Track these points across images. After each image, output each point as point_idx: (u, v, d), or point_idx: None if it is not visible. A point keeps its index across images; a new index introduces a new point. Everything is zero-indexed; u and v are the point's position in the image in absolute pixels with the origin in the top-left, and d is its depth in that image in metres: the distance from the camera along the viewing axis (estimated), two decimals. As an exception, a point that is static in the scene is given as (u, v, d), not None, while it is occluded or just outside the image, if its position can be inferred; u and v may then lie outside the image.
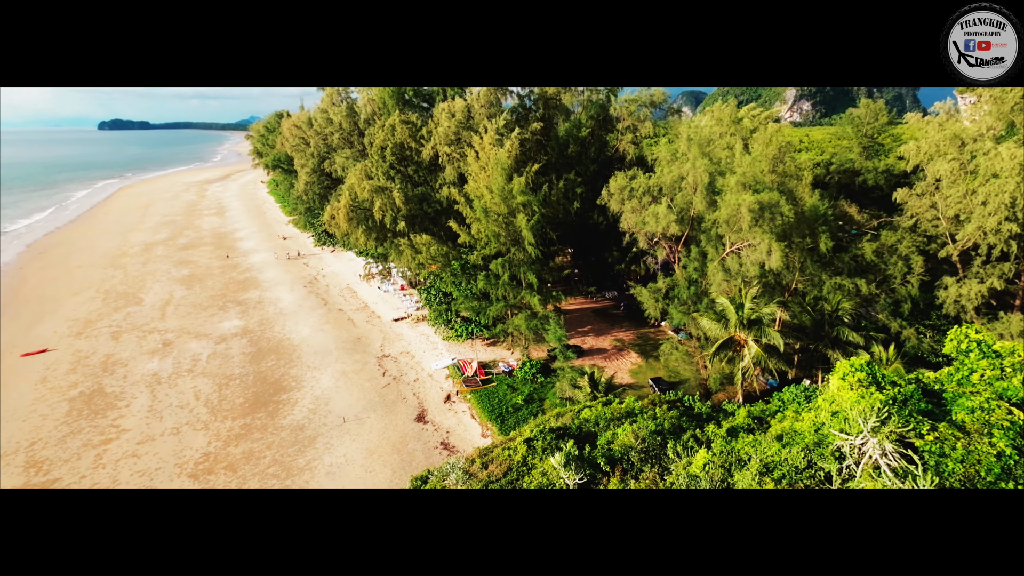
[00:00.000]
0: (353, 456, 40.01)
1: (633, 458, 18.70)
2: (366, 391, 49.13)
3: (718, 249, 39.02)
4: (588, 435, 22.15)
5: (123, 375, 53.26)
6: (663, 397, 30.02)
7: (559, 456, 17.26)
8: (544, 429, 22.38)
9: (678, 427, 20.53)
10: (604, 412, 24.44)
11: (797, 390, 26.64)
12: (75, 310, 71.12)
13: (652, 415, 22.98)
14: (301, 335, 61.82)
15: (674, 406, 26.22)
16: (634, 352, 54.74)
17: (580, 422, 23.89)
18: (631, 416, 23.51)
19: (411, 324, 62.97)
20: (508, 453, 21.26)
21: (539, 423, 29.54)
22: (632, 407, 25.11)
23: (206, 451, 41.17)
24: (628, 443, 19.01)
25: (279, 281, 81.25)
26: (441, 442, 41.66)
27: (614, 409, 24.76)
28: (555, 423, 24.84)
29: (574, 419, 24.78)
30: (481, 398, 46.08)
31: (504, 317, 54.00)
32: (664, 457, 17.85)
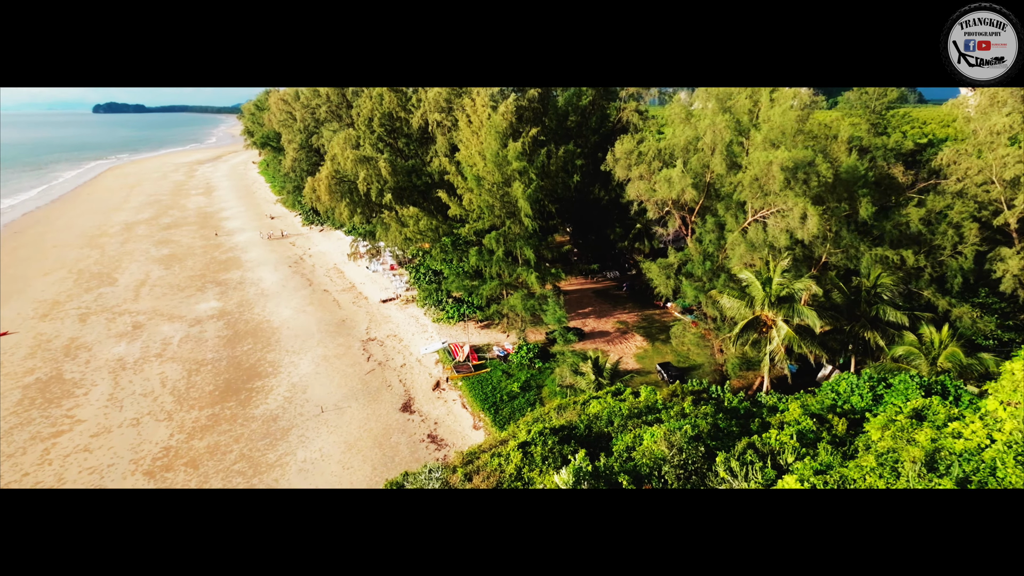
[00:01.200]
0: (330, 451, 35.40)
1: (668, 476, 13.49)
2: (348, 378, 44.40)
3: (738, 218, 34.05)
4: (599, 438, 17.48)
5: (86, 360, 48.36)
6: (684, 387, 25.32)
7: (566, 472, 12.52)
8: (544, 430, 17.64)
9: (720, 431, 15.75)
10: (618, 407, 19.69)
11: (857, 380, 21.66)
12: (43, 291, 65.91)
13: (680, 412, 18.21)
14: (281, 317, 56.88)
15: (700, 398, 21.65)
16: (639, 335, 50.07)
17: (588, 419, 19.17)
18: (653, 412, 18.78)
19: (400, 306, 58.09)
20: (499, 462, 16.53)
21: (537, 418, 24.87)
22: (652, 401, 20.40)
23: (167, 445, 36.49)
24: (659, 453, 14.15)
25: (263, 261, 76.04)
26: (428, 434, 37.07)
27: (631, 404, 20.02)
28: (557, 420, 20.19)
29: (580, 415, 20.10)
30: (473, 385, 41.42)
31: (499, 297, 49.11)
32: (710, 475, 13.14)
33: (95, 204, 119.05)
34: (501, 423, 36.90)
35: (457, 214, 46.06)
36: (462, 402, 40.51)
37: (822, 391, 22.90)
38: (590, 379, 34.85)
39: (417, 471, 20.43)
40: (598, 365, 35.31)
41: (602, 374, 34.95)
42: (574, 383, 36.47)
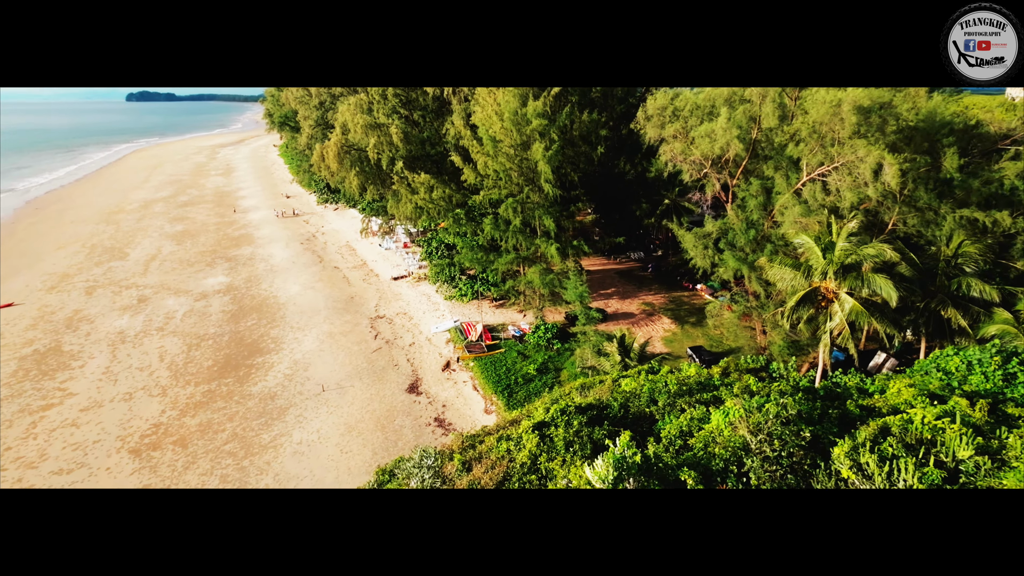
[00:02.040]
0: (328, 432, 32.16)
1: (754, 472, 9.45)
2: (353, 356, 41.15)
3: (790, 178, 29.36)
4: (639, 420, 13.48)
5: (86, 332, 46.16)
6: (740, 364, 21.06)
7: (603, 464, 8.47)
8: (567, 407, 13.63)
9: (811, 414, 11.50)
10: (662, 382, 15.59)
11: (981, 355, 16.58)
12: (55, 264, 64.36)
13: (745, 388, 13.91)
14: (289, 293, 53.97)
15: (760, 377, 17.51)
16: (666, 317, 45.66)
17: (624, 397, 15.12)
18: (708, 390, 14.69)
19: (411, 283, 54.63)
20: (507, 447, 12.64)
21: (557, 396, 20.99)
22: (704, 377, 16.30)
23: (157, 421, 33.74)
24: (737, 441, 10.48)
25: (275, 238, 73.42)
26: (435, 418, 33.55)
27: (680, 379, 15.85)
28: (582, 398, 16.27)
29: (613, 391, 16.07)
30: (486, 366, 37.73)
31: (515, 273, 45.19)
32: (819, 472, 9.00)
33: (117, 183, 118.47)
34: (515, 407, 33.16)
35: (471, 182, 42.09)
36: (473, 384, 36.88)
37: (918, 370, 18.42)
38: (615, 360, 30.79)
39: (409, 456, 16.82)
40: (624, 345, 31.20)
41: (629, 355, 30.85)
42: (597, 365, 32.47)
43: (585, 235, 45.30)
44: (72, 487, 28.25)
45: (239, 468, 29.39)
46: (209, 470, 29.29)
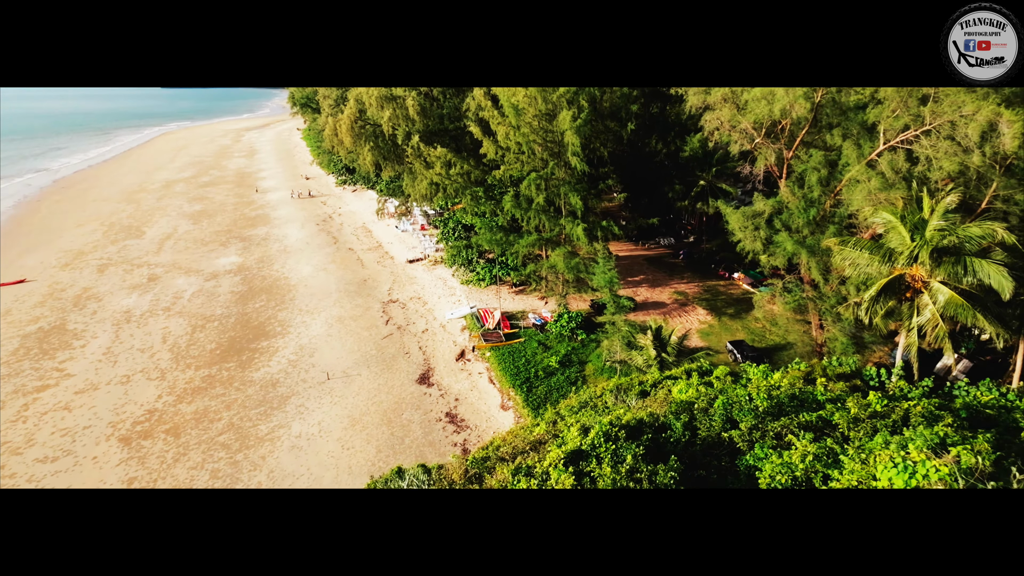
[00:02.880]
0: (330, 426, 29.14)
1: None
2: (362, 342, 38.08)
3: (862, 147, 24.71)
4: (712, 448, 9.69)
5: (93, 311, 44.19)
6: (827, 367, 16.77)
7: None
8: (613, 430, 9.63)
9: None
10: (735, 394, 11.48)
11: None
12: (72, 241, 63.04)
13: (905, 413, 9.80)
14: (300, 274, 51.23)
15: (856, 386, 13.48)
16: (701, 308, 41.33)
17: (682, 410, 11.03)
18: (808, 407, 10.58)
19: (427, 267, 51.30)
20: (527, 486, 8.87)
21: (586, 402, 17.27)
22: (797, 388, 12.27)
23: (152, 407, 31.25)
24: None
25: (291, 218, 70.92)
26: (447, 412, 30.21)
27: (767, 387, 11.80)
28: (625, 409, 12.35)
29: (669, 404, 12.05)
30: (503, 357, 34.18)
31: (536, 257, 41.34)
32: None
33: (142, 164, 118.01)
34: (534, 404, 29.59)
35: (491, 157, 38.21)
36: (489, 376, 33.40)
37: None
38: (650, 355, 26.86)
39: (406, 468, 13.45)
40: (661, 337, 27.21)
41: (665, 349, 26.88)
42: (628, 359, 28.59)
43: (612, 219, 41.13)
44: (55, 475, 25.88)
45: (232, 463, 26.59)
46: (200, 463, 26.57)
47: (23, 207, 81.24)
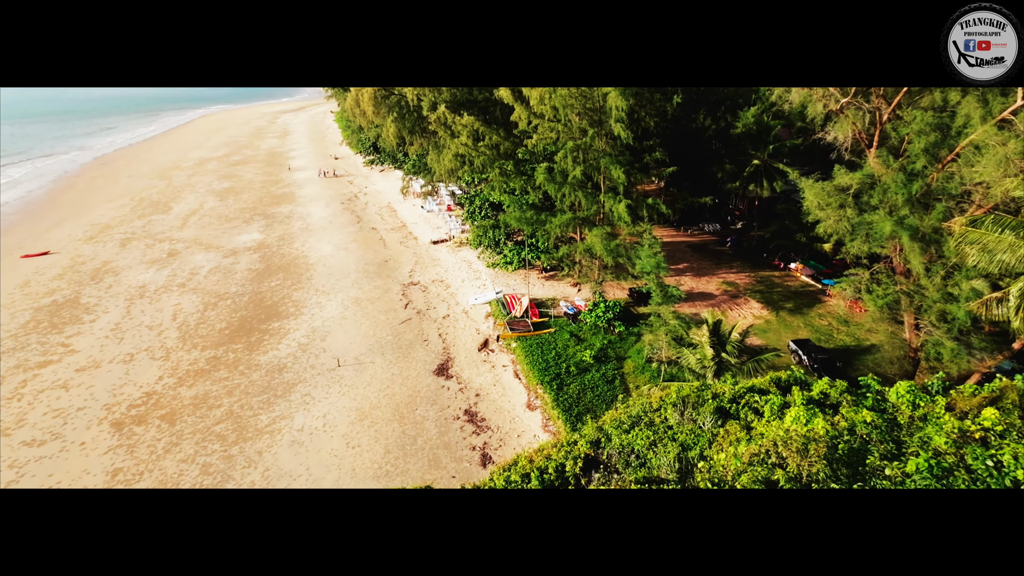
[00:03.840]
0: (336, 419, 25.70)
1: None
2: (378, 326, 34.57)
3: (989, 103, 19.22)
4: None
5: (109, 284, 42.17)
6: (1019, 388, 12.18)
7: None
8: None
9: None
10: (932, 439, 7.18)
11: None
12: (101, 215, 61.92)
13: None
14: (320, 253, 48.15)
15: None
16: (755, 301, 36.14)
17: (843, 467, 6.93)
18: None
19: (452, 248, 47.42)
20: None
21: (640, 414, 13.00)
22: (993, 418, 7.93)
23: (151, 390, 28.51)
24: None
25: (316, 197, 68.15)
26: (465, 410, 26.35)
27: (951, 432, 7.47)
28: (707, 442, 8.19)
29: (790, 441, 7.77)
30: (531, 349, 30.05)
31: (570, 239, 36.85)
32: None
33: (180, 143, 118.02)
34: (565, 404, 25.42)
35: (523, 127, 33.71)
36: (515, 370, 29.34)
37: None
38: (705, 354, 22.24)
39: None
40: (720, 333, 22.52)
41: (725, 347, 22.19)
42: (677, 358, 24.04)
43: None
44: (38, 461, 23.30)
45: (225, 457, 23.46)
46: (191, 456, 23.53)
47: (62, 182, 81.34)
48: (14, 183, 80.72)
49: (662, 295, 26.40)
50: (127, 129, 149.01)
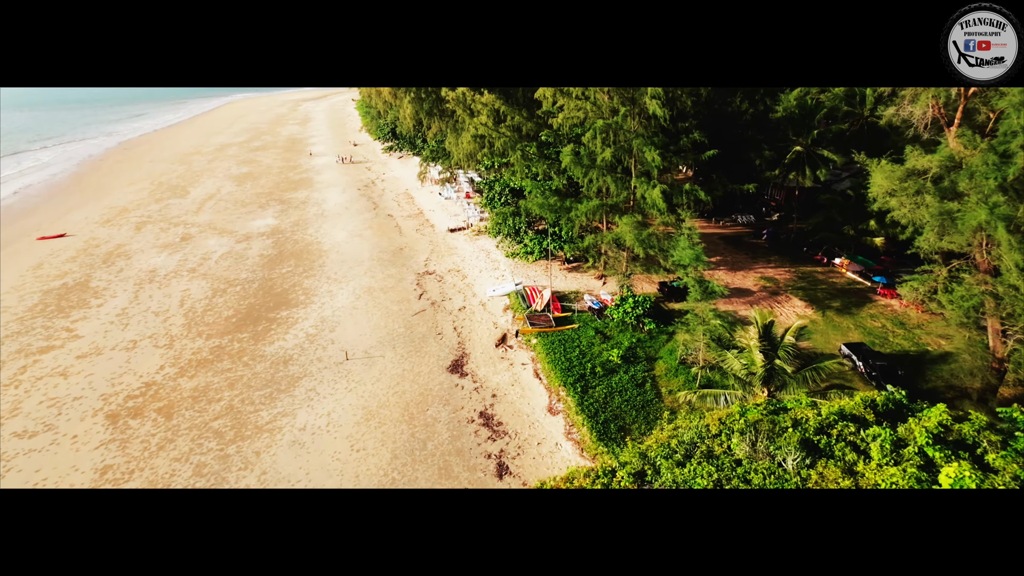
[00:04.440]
0: (341, 418, 23.52)
1: None
2: (391, 317, 32.30)
3: None
4: None
5: (119, 268, 40.80)
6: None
7: None
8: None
9: None
10: None
11: None
12: (119, 198, 61.03)
13: None
14: (334, 240, 46.10)
15: None
16: (797, 299, 32.81)
17: None
18: None
19: (470, 237, 44.86)
20: None
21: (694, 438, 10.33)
22: None
23: (151, 380, 26.76)
24: None
25: (333, 183, 66.23)
26: (481, 412, 23.89)
27: None
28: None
29: None
30: (552, 346, 27.41)
31: (595, 228, 33.94)
32: None
33: (202, 130, 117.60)
34: (591, 409, 22.77)
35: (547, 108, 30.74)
36: (535, 368, 26.76)
37: None
38: (754, 359, 19.30)
39: None
40: (771, 335, 19.52)
41: (776, 349, 19.20)
42: (719, 362, 21.13)
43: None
44: (27, 455, 21.66)
45: (221, 456, 21.46)
46: (185, 454, 21.60)
47: (86, 166, 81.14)
48: (42, 166, 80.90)
49: (701, 291, 23.42)
50: (154, 116, 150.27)
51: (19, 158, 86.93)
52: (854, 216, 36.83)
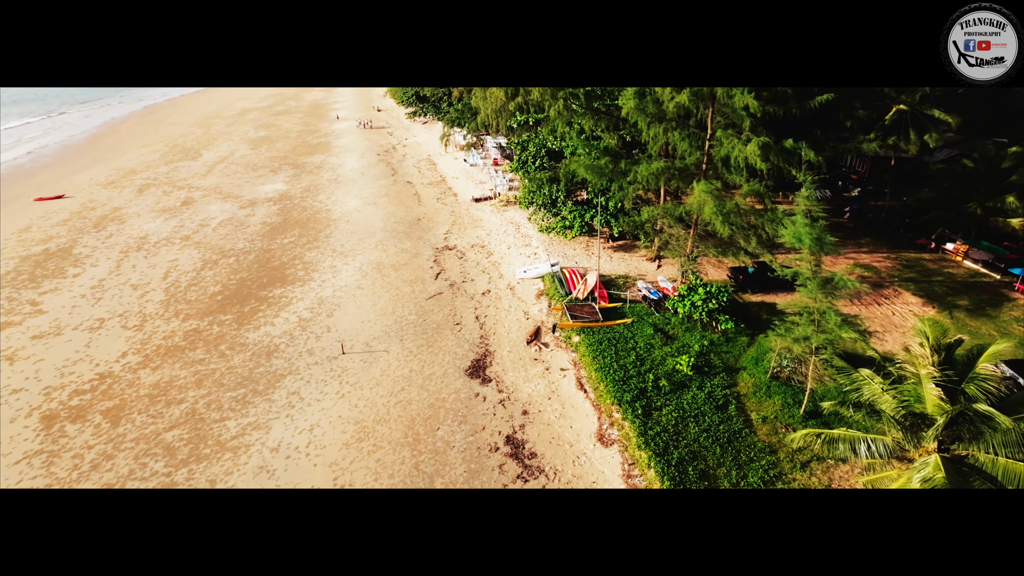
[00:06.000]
0: (326, 436, 17.46)
1: None
2: (401, 300, 25.99)
3: None
4: None
5: (109, 234, 35.50)
6: None
7: None
8: None
9: None
10: None
11: None
12: (130, 160, 55.87)
13: None
14: (345, 207, 39.80)
15: None
16: (908, 293, 25.09)
17: None
18: None
19: (497, 207, 37.90)
20: None
21: None
22: None
23: (107, 370, 21.23)
24: None
25: (351, 148, 59.65)
26: (508, 437, 17.43)
27: None
28: None
29: None
30: (601, 347, 20.65)
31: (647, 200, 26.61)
32: None
33: (228, 94, 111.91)
34: (659, 444, 16.09)
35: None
36: (578, 376, 20.10)
37: None
38: (923, 396, 12.22)
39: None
40: (954, 359, 12.37)
41: (964, 386, 12.03)
42: (852, 388, 14.04)
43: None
44: (-66, 470, 16.37)
45: (166, 483, 15.72)
46: (122, 479, 15.96)
47: (107, 127, 76.56)
48: (62, 125, 76.70)
49: (819, 284, 16.23)
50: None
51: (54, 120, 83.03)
52: (980, 191, 28.43)
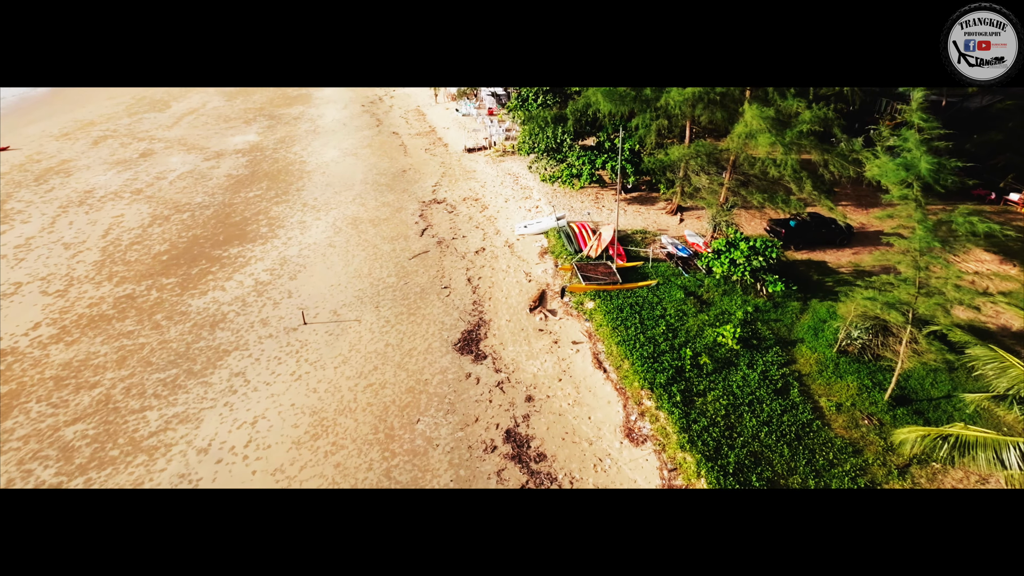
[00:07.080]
0: (272, 433, 13.06)
1: None
2: (380, 260, 21.20)
3: None
4: None
5: (51, 187, 30.10)
6: None
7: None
8: None
9: None
10: None
11: None
12: (91, 111, 49.37)
13: None
14: (322, 159, 34.31)
15: None
16: (980, 250, 20.49)
17: None
18: None
19: (493, 158, 32.54)
20: None
21: None
22: None
23: (11, 345, 16.60)
24: None
25: (334, 98, 53.19)
26: (508, 431, 13.06)
27: None
28: None
29: None
30: (622, 316, 16.12)
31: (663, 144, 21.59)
32: None
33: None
34: (708, 444, 11.79)
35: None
36: (594, 352, 15.62)
37: None
38: None
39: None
40: None
41: None
42: (985, 375, 9.60)
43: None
44: None
45: (59, 481, 11.34)
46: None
47: (73, 81, 68.99)
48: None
49: (930, 230, 11.65)
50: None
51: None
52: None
